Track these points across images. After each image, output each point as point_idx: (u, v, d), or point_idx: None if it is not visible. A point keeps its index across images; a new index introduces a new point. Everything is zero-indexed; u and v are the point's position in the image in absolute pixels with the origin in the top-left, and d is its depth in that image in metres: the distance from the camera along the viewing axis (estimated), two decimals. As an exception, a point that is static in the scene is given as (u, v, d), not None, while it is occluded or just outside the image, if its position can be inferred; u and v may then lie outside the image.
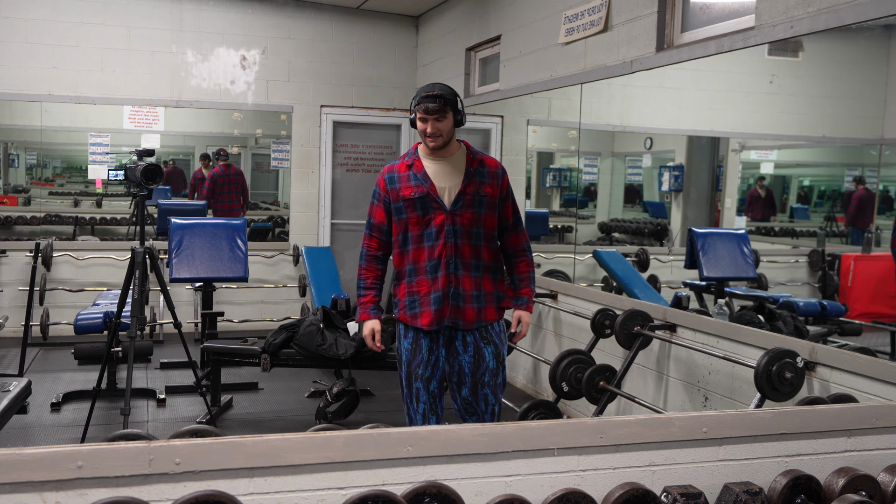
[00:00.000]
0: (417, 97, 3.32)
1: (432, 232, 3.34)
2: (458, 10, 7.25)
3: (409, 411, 3.51)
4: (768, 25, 3.63)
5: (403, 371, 3.49)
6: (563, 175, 7.28)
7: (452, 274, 3.35)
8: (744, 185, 5.15)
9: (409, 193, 3.35)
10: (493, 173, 3.42)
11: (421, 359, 3.42)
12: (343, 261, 8.24)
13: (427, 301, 3.37)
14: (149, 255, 4.53)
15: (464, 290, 3.36)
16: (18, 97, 7.29)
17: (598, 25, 4.96)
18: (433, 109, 3.27)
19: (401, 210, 3.38)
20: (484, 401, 3.45)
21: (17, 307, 7.17)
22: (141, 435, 1.90)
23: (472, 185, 3.35)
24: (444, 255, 3.33)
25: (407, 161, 3.43)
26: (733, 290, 4.85)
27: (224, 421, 5.16)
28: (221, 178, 8.40)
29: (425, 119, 3.30)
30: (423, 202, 3.34)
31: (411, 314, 3.41)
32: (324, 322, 4.89)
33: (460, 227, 3.34)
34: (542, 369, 5.58)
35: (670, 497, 1.96)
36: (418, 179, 3.36)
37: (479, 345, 3.41)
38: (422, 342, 3.42)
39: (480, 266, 3.40)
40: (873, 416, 2.24)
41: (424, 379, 3.44)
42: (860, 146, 4.07)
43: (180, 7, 7.61)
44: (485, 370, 3.41)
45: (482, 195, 3.36)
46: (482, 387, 3.42)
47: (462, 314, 3.37)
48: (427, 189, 3.33)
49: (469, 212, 3.34)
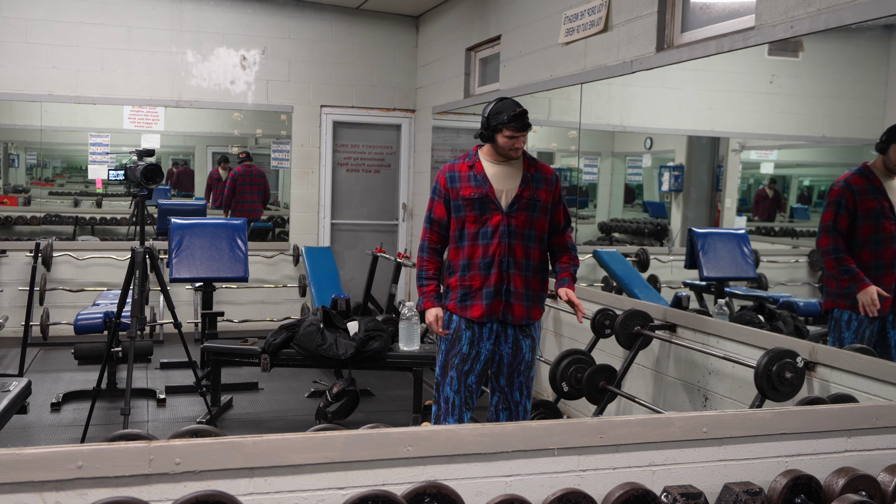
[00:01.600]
0: (505, 115, 3.47)
1: (488, 231, 3.54)
2: (458, 10, 7.25)
3: (440, 399, 3.66)
4: (768, 25, 3.63)
5: (440, 359, 3.66)
6: (563, 175, 7.28)
7: (505, 272, 3.54)
8: (744, 185, 5.14)
9: (468, 193, 3.55)
10: (548, 179, 3.63)
11: (459, 349, 3.60)
12: (343, 261, 8.24)
13: (479, 295, 3.56)
14: (149, 255, 4.53)
15: (515, 288, 3.56)
16: (18, 97, 7.29)
17: (598, 25, 4.96)
18: (521, 127, 3.49)
19: (459, 208, 3.58)
20: (519, 390, 3.64)
21: (17, 307, 7.17)
22: (141, 435, 1.90)
23: (529, 189, 3.56)
24: (497, 254, 3.53)
25: (468, 162, 3.62)
26: (733, 290, 4.85)
27: (224, 421, 5.16)
28: (242, 177, 8.32)
29: (515, 136, 3.49)
30: (482, 202, 3.54)
31: (462, 305, 3.59)
32: (324, 322, 4.89)
33: (515, 228, 3.54)
34: (542, 369, 5.58)
35: (670, 497, 1.96)
36: (478, 181, 3.56)
37: (519, 337, 3.62)
38: (462, 334, 3.59)
39: (531, 266, 3.60)
40: (873, 416, 2.24)
41: (462, 371, 3.60)
42: (860, 146, 4.07)
43: (180, 7, 7.61)
44: (521, 360, 3.63)
45: (537, 199, 3.56)
46: (518, 375, 3.63)
47: (512, 310, 3.57)
48: (486, 190, 3.54)
49: (524, 214, 3.55)
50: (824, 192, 4.99)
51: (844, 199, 3.46)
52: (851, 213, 3.44)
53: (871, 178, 3.45)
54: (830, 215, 3.48)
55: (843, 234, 3.45)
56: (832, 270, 3.50)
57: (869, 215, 3.42)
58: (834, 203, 3.48)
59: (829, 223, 3.47)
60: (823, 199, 4.83)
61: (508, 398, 3.65)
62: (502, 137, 3.51)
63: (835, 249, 3.46)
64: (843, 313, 3.46)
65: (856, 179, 3.47)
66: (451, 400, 3.61)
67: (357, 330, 4.86)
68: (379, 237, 8.39)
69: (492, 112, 3.52)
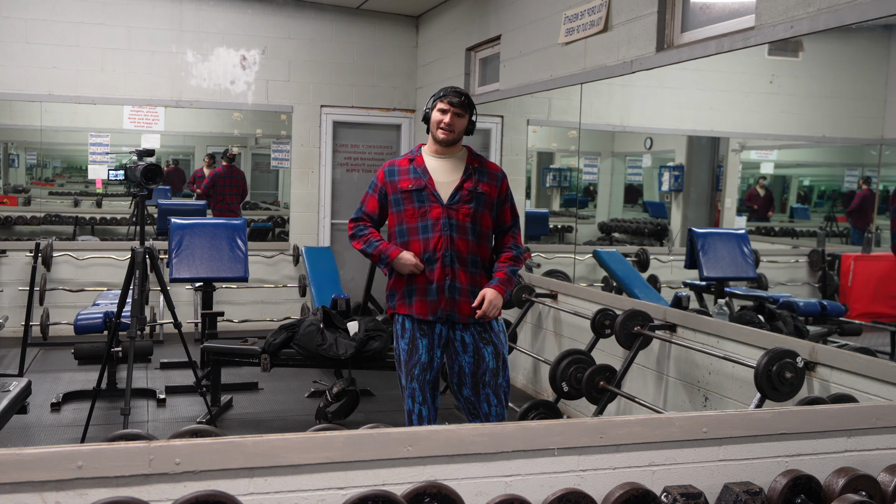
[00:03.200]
0: (442, 91, 3.48)
1: (428, 224, 3.43)
2: (458, 10, 7.25)
3: (405, 411, 3.56)
4: (768, 25, 3.63)
5: (402, 370, 3.53)
6: (563, 175, 7.28)
7: (448, 266, 3.42)
8: (744, 185, 5.15)
9: (407, 185, 3.47)
10: (493, 174, 3.53)
11: (417, 359, 3.46)
12: (343, 261, 8.24)
13: (423, 290, 3.43)
14: (149, 255, 4.53)
15: (460, 284, 3.43)
16: (18, 97, 7.29)
17: (598, 25, 4.96)
18: (457, 103, 3.43)
19: (398, 202, 3.49)
20: (486, 402, 3.47)
21: (17, 307, 7.17)
22: (141, 435, 1.90)
23: (471, 181, 3.46)
24: (439, 247, 3.41)
25: (409, 156, 3.56)
26: (733, 290, 4.85)
27: (224, 421, 5.16)
28: (223, 177, 8.39)
29: (446, 111, 3.43)
30: (420, 195, 3.44)
31: (408, 303, 3.46)
32: (324, 322, 4.89)
33: (456, 221, 3.42)
34: (542, 369, 5.58)
35: (670, 497, 1.96)
36: (417, 173, 3.48)
37: (479, 345, 3.45)
38: (419, 342, 3.46)
39: (477, 263, 3.48)
40: (873, 416, 2.24)
41: (423, 381, 3.47)
42: (860, 146, 4.07)
43: (180, 7, 7.61)
44: (485, 370, 3.45)
45: (479, 192, 3.45)
46: (483, 386, 3.45)
47: (458, 307, 3.43)
48: (425, 182, 3.45)
49: (465, 207, 3.43)
50: (824, 192, 4.99)
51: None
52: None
53: None
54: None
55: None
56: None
57: None
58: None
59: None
60: (828, 199, 4.83)
61: (477, 409, 3.49)
62: (435, 112, 3.46)
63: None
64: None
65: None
66: (419, 412, 3.48)
67: (357, 330, 4.86)
68: (379, 237, 8.38)
69: (436, 92, 3.54)
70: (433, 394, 3.51)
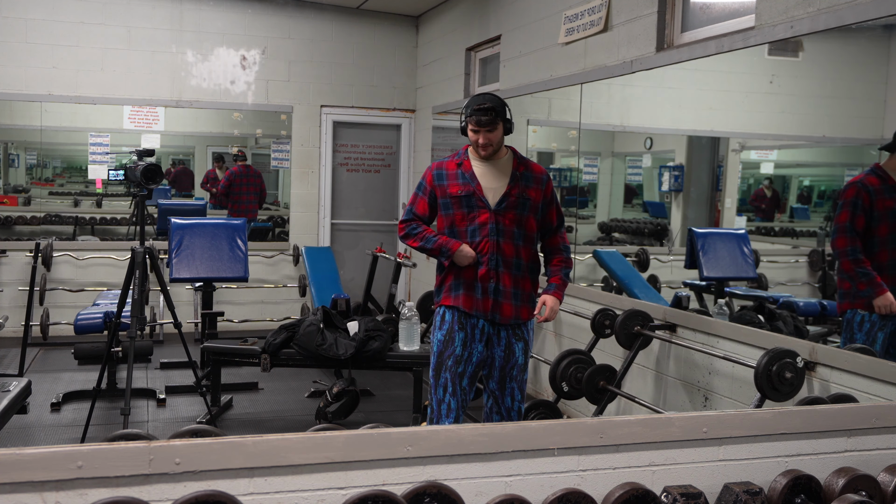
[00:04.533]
0: (469, 108, 3.46)
1: (476, 228, 3.50)
2: (458, 10, 7.25)
3: (433, 402, 3.61)
4: (768, 25, 3.63)
5: (433, 361, 3.60)
6: (563, 175, 7.28)
7: (493, 270, 3.50)
8: (744, 185, 5.14)
9: (455, 191, 3.52)
10: (538, 178, 3.59)
11: (452, 351, 3.54)
12: (343, 261, 8.24)
13: (470, 286, 3.52)
14: (149, 255, 4.53)
15: (504, 287, 3.52)
16: (18, 97, 7.29)
17: (598, 25, 4.96)
18: (486, 122, 3.43)
19: (448, 206, 3.55)
20: (510, 395, 3.59)
21: (17, 307, 7.18)
22: (141, 435, 1.90)
23: (518, 187, 3.52)
24: (486, 251, 3.49)
25: (457, 160, 3.59)
26: (733, 290, 4.85)
27: (224, 421, 5.16)
28: (239, 178, 8.30)
29: (477, 131, 3.45)
30: (469, 200, 3.51)
31: (454, 295, 3.54)
32: (324, 322, 4.89)
33: (503, 226, 3.50)
34: (542, 369, 5.58)
35: (670, 497, 1.96)
36: (466, 178, 3.53)
37: (511, 340, 3.57)
38: (455, 335, 3.53)
39: (521, 266, 3.56)
40: (873, 416, 2.24)
41: (456, 373, 3.54)
42: (860, 146, 4.07)
43: (180, 7, 7.61)
44: (513, 364, 3.58)
45: (526, 198, 3.52)
46: (510, 380, 3.58)
47: (500, 309, 3.52)
48: (473, 188, 3.51)
49: (512, 213, 3.51)
50: (824, 192, 4.99)
51: (860, 199, 3.37)
52: (868, 214, 3.36)
53: (886, 177, 3.39)
54: (847, 216, 3.38)
55: (860, 235, 3.37)
56: (849, 272, 3.42)
57: (886, 215, 3.35)
58: (850, 203, 3.39)
59: (845, 223, 3.38)
60: (828, 199, 4.84)
61: (500, 403, 3.60)
62: (469, 131, 3.50)
63: (852, 251, 3.38)
64: (855, 314, 3.41)
65: (871, 179, 3.39)
66: (448, 402, 3.55)
67: (357, 330, 4.86)
68: (379, 237, 8.39)
69: (466, 104, 3.52)
70: (465, 388, 3.56)
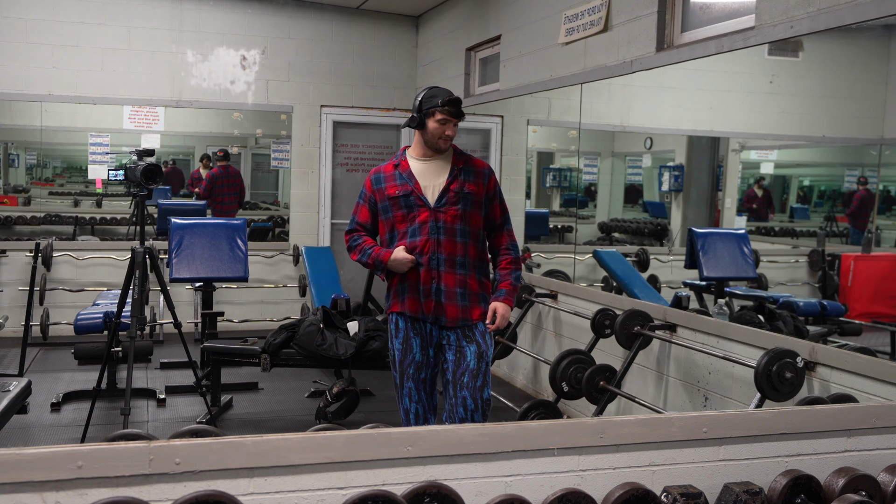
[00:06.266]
0: (438, 99, 3.36)
1: (416, 228, 3.40)
2: (458, 10, 7.25)
3: (401, 411, 3.54)
4: (768, 25, 3.63)
5: (396, 370, 3.52)
6: (563, 175, 7.28)
7: (434, 270, 3.39)
8: (744, 185, 5.15)
9: (393, 192, 3.44)
10: (479, 172, 3.48)
11: (412, 359, 3.45)
12: (343, 261, 8.23)
13: (414, 288, 3.42)
14: (149, 255, 4.53)
15: (446, 287, 3.40)
16: (18, 97, 7.29)
17: (598, 25, 4.96)
18: (458, 113, 3.38)
19: (387, 209, 3.46)
20: (463, 405, 3.35)
21: (17, 307, 7.17)
22: (141, 435, 1.90)
23: (457, 182, 3.42)
24: (426, 251, 3.38)
25: (394, 161, 3.52)
26: (733, 290, 4.85)
27: (224, 421, 5.16)
28: (220, 178, 8.39)
29: (447, 121, 3.37)
30: (407, 200, 3.41)
31: (401, 300, 3.45)
32: (324, 322, 4.89)
33: (444, 223, 3.39)
34: (542, 369, 5.58)
35: (670, 497, 1.96)
36: (403, 178, 3.45)
37: (462, 343, 3.40)
38: (412, 341, 3.45)
39: (466, 264, 3.43)
40: (873, 416, 2.24)
41: (419, 380, 3.46)
42: (860, 146, 4.07)
43: (180, 7, 7.61)
44: (464, 370, 3.36)
45: (466, 192, 3.42)
46: (460, 388, 3.35)
47: (444, 311, 3.40)
48: (411, 187, 3.42)
49: (453, 209, 3.40)
50: (824, 192, 4.99)
51: None
52: None
53: None
54: None
55: None
56: None
57: None
58: None
59: None
60: (828, 199, 4.83)
61: (453, 412, 3.38)
62: (433, 122, 3.37)
63: None
64: None
65: None
66: (415, 410, 3.46)
67: (357, 330, 4.86)
68: (379, 237, 8.38)
69: (425, 97, 3.40)
70: (430, 392, 3.51)
